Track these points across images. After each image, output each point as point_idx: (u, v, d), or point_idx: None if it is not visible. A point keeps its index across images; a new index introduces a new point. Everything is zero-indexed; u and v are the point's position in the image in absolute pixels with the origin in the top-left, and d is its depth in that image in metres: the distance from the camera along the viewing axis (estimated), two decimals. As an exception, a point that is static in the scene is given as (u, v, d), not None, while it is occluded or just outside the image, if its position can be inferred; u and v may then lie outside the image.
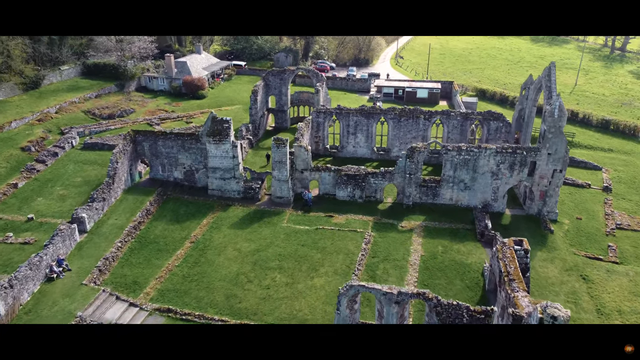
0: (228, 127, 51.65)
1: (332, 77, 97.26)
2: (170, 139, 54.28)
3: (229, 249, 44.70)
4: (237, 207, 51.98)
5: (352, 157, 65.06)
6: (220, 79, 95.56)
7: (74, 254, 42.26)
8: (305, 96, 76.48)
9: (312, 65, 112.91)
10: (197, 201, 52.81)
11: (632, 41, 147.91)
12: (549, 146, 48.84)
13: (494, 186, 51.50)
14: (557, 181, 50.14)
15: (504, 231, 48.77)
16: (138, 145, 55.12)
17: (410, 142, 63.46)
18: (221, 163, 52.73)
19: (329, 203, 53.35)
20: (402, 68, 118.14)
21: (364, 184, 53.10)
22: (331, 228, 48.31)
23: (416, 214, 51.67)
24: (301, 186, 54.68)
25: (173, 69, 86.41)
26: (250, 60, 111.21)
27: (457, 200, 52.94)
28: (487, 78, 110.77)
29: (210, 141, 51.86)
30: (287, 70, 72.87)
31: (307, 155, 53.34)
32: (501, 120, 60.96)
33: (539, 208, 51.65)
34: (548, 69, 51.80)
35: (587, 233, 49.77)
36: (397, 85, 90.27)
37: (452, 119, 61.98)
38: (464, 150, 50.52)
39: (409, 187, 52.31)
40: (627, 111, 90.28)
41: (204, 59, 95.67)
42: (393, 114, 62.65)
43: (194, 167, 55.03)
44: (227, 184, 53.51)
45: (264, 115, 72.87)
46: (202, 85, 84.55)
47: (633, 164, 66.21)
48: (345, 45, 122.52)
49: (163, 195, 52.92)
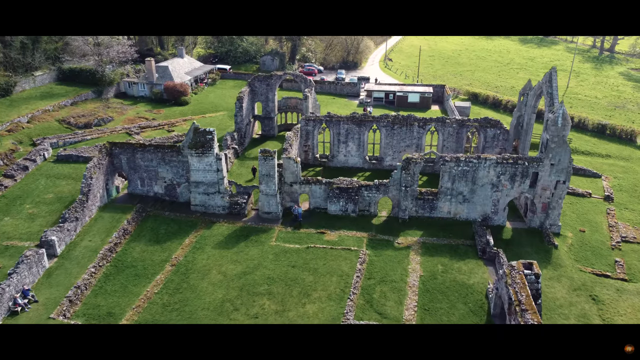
0: (211, 138, 48.22)
1: (321, 81, 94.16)
2: (149, 152, 50.65)
3: (214, 272, 41.31)
4: (222, 224, 48.56)
5: (344, 167, 62.00)
6: (204, 83, 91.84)
7: (42, 283, 38.51)
8: (293, 102, 73.24)
9: (299, 69, 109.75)
10: (178, 218, 49.27)
11: (620, 42, 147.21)
12: (551, 156, 46.28)
13: (494, 198, 48.83)
14: (560, 193, 47.61)
15: (505, 247, 46.19)
16: (115, 158, 51.39)
17: (403, 151, 60.63)
18: (204, 177, 49.27)
19: (320, 218, 50.20)
20: (392, 71, 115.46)
21: (357, 197, 50.06)
22: (323, 246, 45.16)
23: (413, 228, 48.77)
24: (290, 200, 51.45)
25: (154, 74, 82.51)
26: (235, 63, 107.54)
27: (455, 214, 50.17)
28: (477, 81, 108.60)
29: (193, 154, 48.37)
30: (274, 76, 69.57)
31: (296, 167, 50.13)
32: (499, 127, 58.38)
33: (541, 221, 49.09)
34: (549, 75, 49.28)
35: (592, 247, 47.33)
36: (387, 90, 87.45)
37: (447, 127, 59.23)
38: (462, 161, 47.76)
39: (404, 201, 49.39)
40: (621, 114, 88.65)
41: (187, 63, 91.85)
42: (386, 121, 59.71)
43: (175, 181, 51.48)
44: (211, 199, 50.06)
45: (250, 123, 69.49)
46: (184, 91, 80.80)
47: (632, 171, 64.16)
48: (333, 47, 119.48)
49: (142, 212, 49.26)
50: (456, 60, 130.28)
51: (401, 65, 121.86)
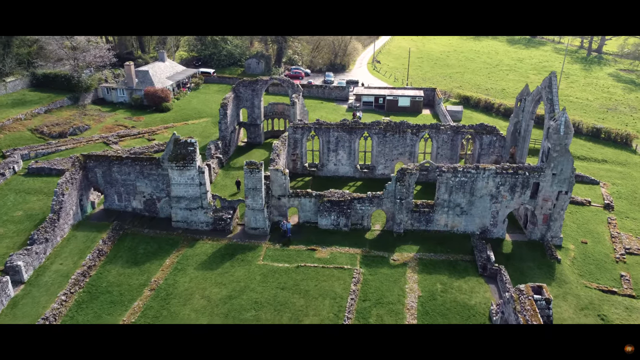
0: (193, 150, 45.04)
1: (308, 85, 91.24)
2: (126, 164, 47.30)
3: (196, 297, 38.17)
4: (206, 242, 45.42)
5: (334, 176, 59.22)
6: (186, 88, 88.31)
7: (6, 314, 35.01)
8: (280, 108, 70.25)
9: (285, 72, 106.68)
10: (159, 236, 45.99)
11: (608, 42, 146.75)
12: (553, 166, 43.97)
13: (493, 210, 46.41)
14: (562, 204, 45.35)
15: (506, 261, 43.81)
16: (89, 172, 47.94)
17: (396, 159, 58.06)
18: (186, 191, 46.08)
19: (310, 233, 47.31)
20: (380, 73, 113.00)
21: (349, 210, 47.26)
22: (314, 265, 42.25)
23: (408, 243, 46.12)
24: (278, 214, 48.49)
25: (133, 79, 78.80)
26: (219, 67, 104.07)
27: (452, 227, 47.66)
28: (467, 83, 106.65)
29: (173, 167, 45.15)
30: (260, 81, 66.47)
31: (284, 179, 47.18)
32: (495, 133, 56.06)
33: (542, 233, 46.81)
34: (548, 80, 47.05)
35: (596, 260, 45.15)
36: (377, 94, 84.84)
37: (441, 133, 56.75)
38: (460, 172, 45.25)
39: (399, 214, 46.74)
40: (614, 117, 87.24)
41: (169, 66, 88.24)
42: (377, 128, 57.04)
43: (155, 195, 48.18)
44: (194, 215, 46.87)
45: (235, 130, 66.33)
46: (166, 97, 77.28)
47: (630, 177, 62.36)
48: (320, 49, 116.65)
49: (119, 230, 45.88)
50: (445, 62, 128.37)
51: (390, 68, 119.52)
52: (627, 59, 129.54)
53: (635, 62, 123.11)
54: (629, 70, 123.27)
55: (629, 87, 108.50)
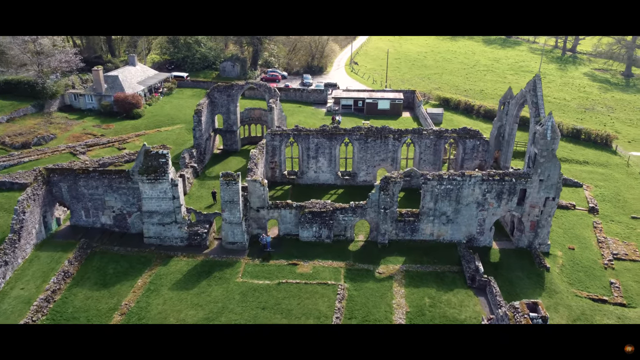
0: (165, 162, 42.39)
1: (285, 89, 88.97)
2: (94, 178, 44.36)
3: (171, 321, 35.65)
4: (181, 259, 42.83)
5: (314, 184, 57.17)
6: (159, 93, 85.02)
7: (-41, 349, 31.84)
8: (257, 113, 67.85)
9: (261, 75, 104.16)
10: (130, 254, 43.19)
11: (582, 42, 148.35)
12: (540, 172, 42.81)
13: (479, 218, 45.08)
14: (549, 210, 44.26)
15: (494, 271, 42.48)
16: (53, 187, 44.83)
17: (378, 165, 56.34)
18: (159, 206, 43.39)
19: (291, 246, 45.17)
20: (359, 75, 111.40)
21: (331, 221, 45.25)
22: (296, 281, 40.11)
23: (394, 254, 44.38)
24: (257, 227, 46.20)
25: (102, 85, 75.26)
26: (193, 70, 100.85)
27: (438, 236, 46.13)
28: (446, 84, 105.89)
29: (144, 180, 42.41)
30: (235, 85, 63.95)
31: (263, 191, 44.91)
32: (478, 138, 54.82)
33: (529, 240, 45.69)
34: (533, 83, 45.94)
35: (584, 267, 44.19)
36: (356, 97, 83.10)
37: (424, 138, 55.22)
38: (445, 179, 43.71)
39: (384, 224, 44.95)
40: (592, 117, 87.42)
41: (140, 71, 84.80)
42: (358, 134, 55.20)
43: (125, 210, 45.34)
44: (167, 230, 44.22)
45: (210, 138, 63.65)
46: (137, 103, 73.96)
47: (612, 178, 61.97)
48: (297, 51, 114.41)
49: (87, 249, 42.92)
50: (422, 62, 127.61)
51: (368, 69, 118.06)
52: (601, 59, 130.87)
53: (609, 62, 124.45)
54: (603, 69, 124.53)
55: (605, 86, 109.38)
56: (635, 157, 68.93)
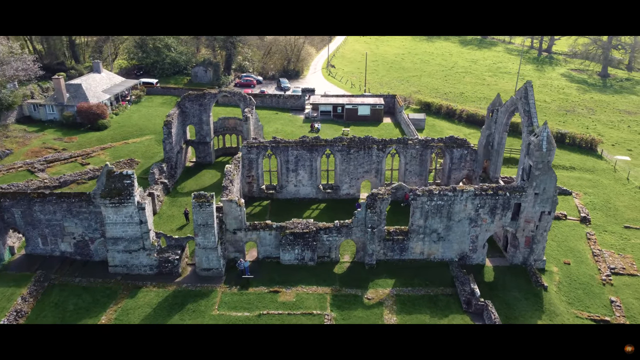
0: (130, 183, 38.34)
1: (261, 95, 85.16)
2: (50, 202, 39.98)
3: (139, 365, 31.61)
4: (150, 289, 38.90)
5: (294, 198, 53.75)
6: (126, 102, 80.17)
7: None
8: (232, 123, 64.03)
9: (235, 80, 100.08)
10: (93, 285, 39.02)
11: (557, 42, 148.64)
12: (535, 185, 40.32)
13: (472, 235, 42.43)
14: (545, 225, 41.85)
15: (490, 292, 39.98)
16: (5, 213, 40.28)
17: (362, 177, 53.28)
18: (124, 232, 39.31)
19: (272, 270, 41.68)
20: (336, 79, 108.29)
21: (315, 242, 41.89)
22: (279, 312, 36.68)
23: (382, 276, 41.33)
24: (234, 250, 42.54)
25: (64, 94, 70.19)
26: (163, 76, 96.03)
27: (429, 254, 43.30)
28: (425, 87, 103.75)
29: (107, 204, 38.27)
30: (207, 94, 59.98)
31: (239, 211, 41.26)
32: (466, 147, 52.26)
33: (524, 257, 43.23)
34: (524, 90, 43.48)
35: (582, 283, 41.97)
36: (335, 102, 79.91)
37: (409, 148, 52.37)
38: (436, 195, 40.85)
39: (371, 244, 41.83)
40: (574, 119, 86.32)
41: (105, 78, 79.80)
42: (340, 145, 51.98)
43: (87, 236, 41.09)
44: (135, 257, 40.18)
45: (182, 150, 59.54)
46: (102, 113, 69.16)
47: (601, 185, 60.31)
48: (272, 55, 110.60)
49: (44, 282, 38.58)
50: (400, 65, 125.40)
51: (345, 72, 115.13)
52: (577, 59, 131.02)
53: (586, 62, 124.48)
54: (580, 70, 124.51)
55: (583, 87, 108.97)
56: (621, 161, 67.61)
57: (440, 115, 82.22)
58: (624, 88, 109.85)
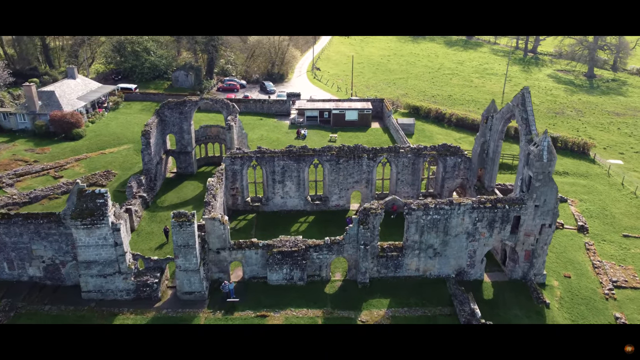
0: (103, 203, 35.33)
1: (245, 100, 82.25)
2: (16, 224, 36.78)
3: (114, 406, 28.71)
4: (127, 316, 35.99)
5: (281, 211, 51.18)
6: (103, 109, 76.63)
7: None
8: (215, 131, 61.16)
9: (218, 84, 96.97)
10: (64, 314, 35.99)
11: (542, 43, 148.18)
12: (536, 197, 38.35)
13: (470, 249, 40.31)
14: (545, 238, 39.93)
15: (490, 310, 37.89)
16: (-34, 236, 36.95)
17: (352, 188, 50.90)
18: (98, 255, 36.31)
19: (259, 291, 39.05)
20: (322, 82, 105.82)
21: (304, 261, 39.34)
22: (267, 340, 33.89)
23: (376, 296, 39.00)
24: (218, 270, 39.80)
25: (36, 102, 66.54)
26: (143, 81, 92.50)
27: (425, 271, 41.07)
28: (413, 90, 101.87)
29: (79, 225, 35.21)
30: (188, 102, 57.00)
31: (223, 229, 38.52)
32: (459, 155, 50.21)
33: (524, 271, 41.25)
34: (521, 96, 41.55)
35: (584, 298, 40.15)
36: (322, 107, 77.43)
37: (401, 157, 50.12)
38: (432, 209, 38.61)
39: (364, 261, 39.43)
40: (563, 122, 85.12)
41: (80, 84, 76.15)
42: (329, 154, 49.52)
43: (57, 260, 37.96)
44: (110, 282, 37.18)
45: (162, 161, 56.47)
46: (77, 122, 65.65)
47: (596, 191, 58.83)
48: (255, 58, 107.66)
49: (9, 312, 35.42)
50: (386, 66, 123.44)
51: (330, 75, 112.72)
52: (563, 59, 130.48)
53: (572, 63, 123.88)
54: (566, 70, 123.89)
55: (570, 88, 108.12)
56: (614, 165, 66.33)
57: (430, 120, 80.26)
58: (611, 89, 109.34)
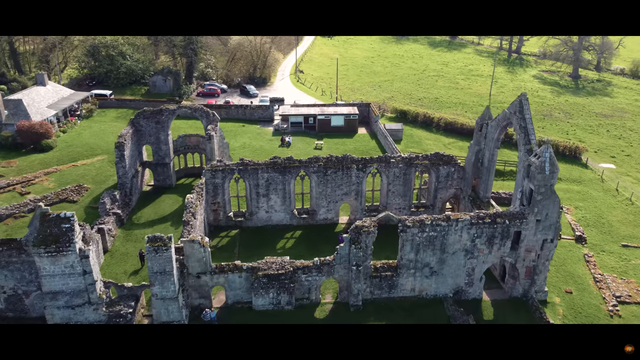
0: (70, 228, 31.97)
1: (226, 106, 79.00)
2: (-28, 252, 33.16)
3: None
4: (99, 352, 32.51)
5: (266, 226, 48.28)
6: (75, 117, 72.63)
7: None
8: (194, 140, 57.92)
9: (198, 89, 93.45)
10: (27, 351, 32.36)
11: (526, 43, 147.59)
12: (537, 211, 36.11)
13: (468, 267, 37.95)
14: (547, 254, 37.76)
15: (491, 332, 35.24)
16: None
17: (340, 200, 48.25)
18: (64, 284, 32.94)
19: (243, 318, 36.17)
20: (306, 86, 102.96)
21: (292, 284, 36.50)
22: (253, 375, 30.95)
23: (370, 319, 36.39)
24: (199, 296, 36.73)
25: (2, 112, 62.41)
26: (118, 87, 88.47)
27: (421, 291, 38.60)
28: (398, 92, 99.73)
29: (42, 254, 31.80)
30: (165, 111, 53.65)
31: (204, 252, 35.47)
32: (452, 164, 47.90)
33: (524, 288, 39.06)
34: (519, 103, 39.27)
35: (588, 316, 38.12)
36: (306, 113, 74.63)
37: (392, 167, 47.61)
38: (428, 226, 36.12)
39: (356, 283, 36.75)
40: (552, 125, 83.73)
41: (51, 92, 72.06)
42: (316, 166, 46.77)
43: (20, 290, 34.47)
44: (79, 313, 33.82)
45: (138, 174, 53.05)
46: (46, 132, 61.71)
47: (591, 197, 57.14)
48: (237, 61, 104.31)
49: (-35, 351, 31.70)
50: (370, 68, 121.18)
51: (314, 78, 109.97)
52: (548, 60, 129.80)
53: (557, 63, 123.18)
54: (551, 71, 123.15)
55: (556, 89, 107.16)
56: (607, 170, 64.88)
57: (417, 124, 78.02)
58: (596, 90, 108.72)
